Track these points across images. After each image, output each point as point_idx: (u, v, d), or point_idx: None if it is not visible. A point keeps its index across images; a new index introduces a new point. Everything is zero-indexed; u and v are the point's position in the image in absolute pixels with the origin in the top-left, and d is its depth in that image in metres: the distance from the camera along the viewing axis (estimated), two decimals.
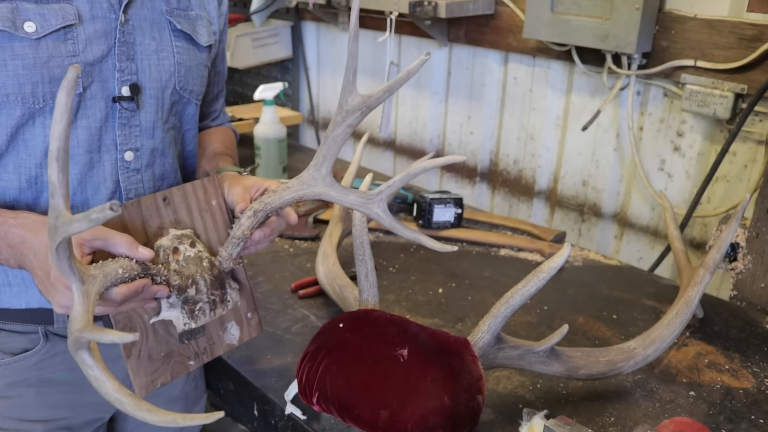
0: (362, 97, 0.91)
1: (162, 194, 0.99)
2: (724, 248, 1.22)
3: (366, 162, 2.65)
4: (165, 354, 1.00)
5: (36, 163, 0.97)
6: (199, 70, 1.13)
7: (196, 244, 0.99)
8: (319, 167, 0.96)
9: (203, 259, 0.98)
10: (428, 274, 1.59)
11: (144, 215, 0.97)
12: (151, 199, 0.98)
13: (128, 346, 0.96)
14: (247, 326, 1.12)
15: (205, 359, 1.07)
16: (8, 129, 0.95)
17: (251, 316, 1.13)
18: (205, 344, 1.06)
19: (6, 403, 1.05)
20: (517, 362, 1.07)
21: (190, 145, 1.19)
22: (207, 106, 1.31)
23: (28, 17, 0.92)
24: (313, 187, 0.97)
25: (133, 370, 0.97)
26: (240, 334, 1.11)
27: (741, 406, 1.15)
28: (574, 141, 2.04)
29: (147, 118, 1.05)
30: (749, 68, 1.59)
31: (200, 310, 0.97)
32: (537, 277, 1.00)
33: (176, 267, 0.95)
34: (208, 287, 0.97)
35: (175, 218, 1.00)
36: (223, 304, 1.01)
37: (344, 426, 1.07)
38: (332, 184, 0.97)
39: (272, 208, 0.98)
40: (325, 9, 2.43)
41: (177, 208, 1.00)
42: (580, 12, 1.75)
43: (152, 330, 0.98)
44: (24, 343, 1.05)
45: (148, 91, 1.04)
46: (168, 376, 1.01)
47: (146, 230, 0.97)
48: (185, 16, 1.10)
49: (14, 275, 1.02)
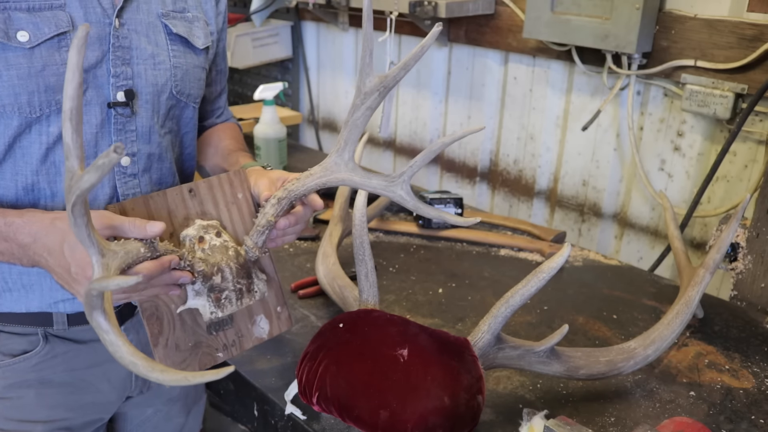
0: (379, 78, 0.90)
1: (188, 186, 1.00)
2: (724, 248, 1.22)
3: (366, 162, 2.65)
4: (193, 345, 1.00)
5: (32, 170, 0.97)
6: (196, 74, 1.12)
7: (222, 234, 0.99)
8: (341, 152, 0.95)
9: (229, 248, 0.98)
10: (428, 274, 1.59)
11: (170, 206, 0.97)
12: (177, 191, 0.98)
13: (155, 334, 0.96)
14: (276, 320, 1.12)
15: (234, 352, 1.06)
16: (6, 139, 0.94)
17: (281, 310, 1.12)
18: (233, 336, 1.06)
19: (6, 405, 1.05)
20: (517, 362, 1.07)
21: (189, 148, 1.18)
22: (210, 104, 1.30)
23: (20, 26, 0.91)
24: (336, 173, 0.96)
25: (161, 360, 0.97)
26: (269, 328, 1.11)
27: (741, 406, 1.15)
28: (574, 141, 2.04)
29: (143, 123, 1.04)
30: (749, 68, 1.59)
31: (227, 299, 0.97)
32: (537, 277, 1.00)
33: (201, 255, 0.95)
34: (233, 275, 0.97)
35: (201, 210, 1.00)
36: (251, 293, 1.00)
37: (344, 426, 1.07)
38: (355, 169, 0.96)
39: (296, 195, 0.99)
40: (325, 9, 2.43)
41: (203, 200, 1.01)
42: (580, 12, 1.75)
43: (179, 320, 0.98)
44: (24, 344, 1.05)
45: (143, 96, 1.03)
46: (196, 367, 1.01)
47: (172, 221, 0.97)
48: (181, 18, 1.09)
49: (14, 281, 1.02)
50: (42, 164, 0.97)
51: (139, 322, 1.14)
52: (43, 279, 1.02)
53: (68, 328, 1.06)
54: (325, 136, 2.88)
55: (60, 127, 0.96)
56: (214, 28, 1.18)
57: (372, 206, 1.73)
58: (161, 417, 1.28)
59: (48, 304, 1.03)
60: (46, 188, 0.98)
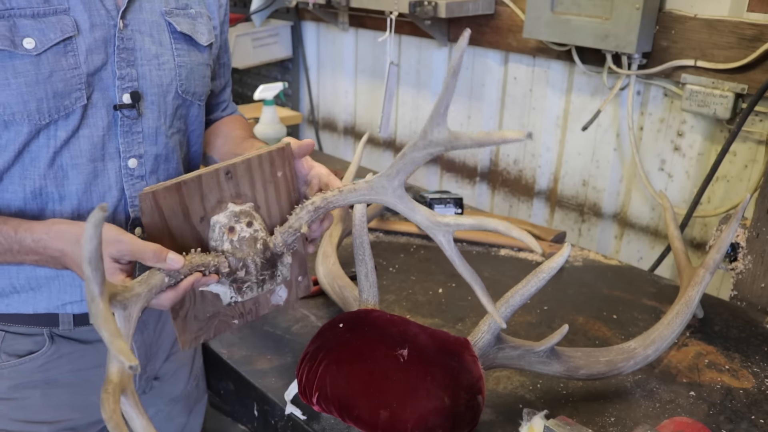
0: (450, 135, 0.85)
1: (225, 168, 0.97)
2: (724, 248, 1.22)
3: (366, 162, 2.65)
4: (210, 315, 1.01)
5: (40, 174, 0.97)
6: (200, 71, 1.12)
7: (253, 222, 0.97)
8: (392, 179, 0.93)
9: (258, 241, 0.96)
10: (428, 274, 1.59)
11: (204, 190, 0.95)
12: (212, 175, 0.96)
13: (176, 308, 0.97)
14: (295, 288, 1.10)
15: (249, 318, 1.06)
16: (17, 146, 0.94)
17: (301, 279, 1.11)
18: (250, 305, 1.05)
19: (12, 405, 1.05)
20: (517, 362, 1.07)
21: (195, 146, 1.18)
22: (215, 98, 1.29)
23: (26, 33, 0.90)
24: (382, 195, 0.95)
25: (179, 329, 0.98)
26: (287, 296, 1.09)
27: (741, 406, 1.15)
28: (574, 141, 2.04)
29: (149, 125, 1.04)
30: (749, 68, 1.59)
31: (248, 288, 0.97)
32: (537, 277, 1.00)
33: (229, 247, 0.94)
34: (257, 269, 0.97)
35: (236, 192, 0.98)
36: (272, 280, 1.00)
37: (344, 426, 1.07)
38: (402, 197, 0.94)
39: (333, 206, 0.98)
40: (325, 9, 2.43)
41: (239, 181, 0.98)
42: (580, 12, 1.75)
43: (200, 295, 0.99)
44: (29, 345, 1.05)
45: (149, 97, 1.03)
46: (211, 333, 1.02)
47: (204, 205, 0.96)
48: (185, 15, 1.09)
49: (21, 284, 1.02)
50: (49, 168, 0.97)
51: (143, 323, 1.14)
52: (52, 281, 1.02)
53: (74, 328, 1.06)
54: (325, 136, 2.88)
55: (67, 131, 0.96)
56: (217, 21, 1.17)
57: (372, 206, 1.73)
58: (163, 417, 1.28)
59: (56, 305, 1.03)
60: (54, 192, 0.98)
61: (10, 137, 0.94)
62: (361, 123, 2.71)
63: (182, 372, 1.28)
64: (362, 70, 2.61)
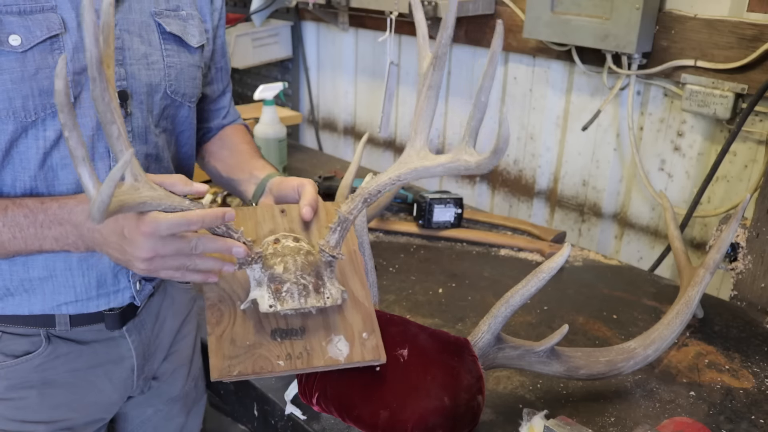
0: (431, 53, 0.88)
1: (280, 207, 1.01)
2: (724, 248, 1.22)
3: (366, 162, 2.65)
4: (250, 344, 0.94)
5: (31, 175, 0.97)
6: (190, 72, 1.11)
7: (300, 240, 0.97)
8: (413, 143, 0.92)
9: (301, 249, 0.95)
10: (428, 274, 1.59)
11: (258, 219, 0.98)
12: (267, 208, 0.99)
13: (213, 324, 0.93)
14: (360, 346, 0.97)
15: (298, 364, 0.94)
16: (3, 144, 0.94)
17: (367, 336, 0.98)
18: (301, 349, 0.95)
19: (8, 405, 1.05)
20: (517, 362, 1.07)
21: (185, 147, 1.18)
22: (214, 103, 1.29)
23: (12, 30, 0.90)
24: (409, 164, 0.92)
25: (212, 350, 0.92)
26: (349, 352, 0.96)
27: (741, 406, 1.15)
28: (574, 141, 2.04)
29: (138, 124, 1.03)
30: (749, 68, 1.59)
31: (287, 292, 0.91)
32: (537, 277, 1.00)
33: (271, 251, 0.94)
34: (297, 267, 0.92)
35: (289, 227, 1.00)
36: (319, 295, 0.92)
37: (344, 426, 1.07)
38: (426, 156, 0.92)
39: (369, 192, 0.95)
40: (325, 9, 2.43)
41: (293, 219, 1.01)
42: (580, 12, 1.75)
43: (242, 316, 0.95)
44: (26, 345, 1.05)
45: (137, 96, 1.03)
46: (249, 368, 0.92)
47: (257, 230, 0.98)
48: (175, 16, 1.08)
49: (15, 287, 1.02)
50: (40, 169, 0.96)
51: (141, 322, 1.14)
52: (45, 283, 1.02)
53: (70, 329, 1.06)
54: (325, 136, 2.88)
55: (56, 131, 0.96)
56: (210, 25, 1.17)
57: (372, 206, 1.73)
58: (161, 417, 1.28)
59: (51, 306, 1.03)
60: (45, 192, 0.98)
61: None
62: (361, 123, 2.71)
63: (181, 372, 1.28)
64: (362, 70, 2.61)
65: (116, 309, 1.07)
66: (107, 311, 1.07)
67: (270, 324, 0.95)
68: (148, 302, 1.15)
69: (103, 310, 1.07)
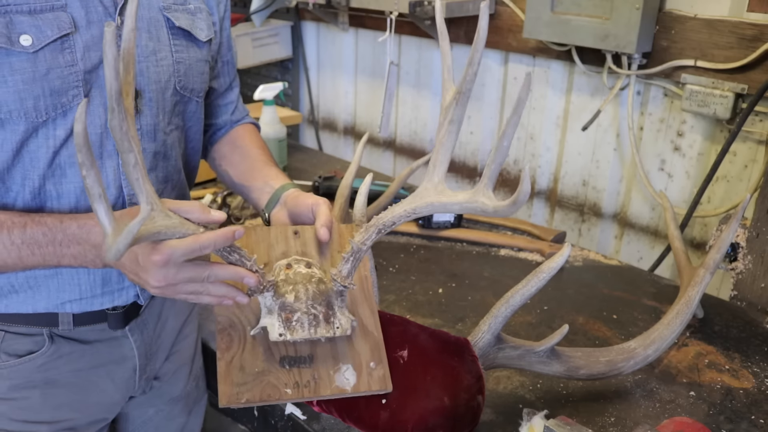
0: (455, 88, 0.87)
1: (294, 228, 1.00)
2: (724, 248, 1.22)
3: (366, 162, 2.65)
4: (259, 371, 0.95)
5: (40, 174, 0.96)
6: (199, 67, 1.11)
7: (312, 266, 0.96)
8: (431, 177, 0.93)
9: (313, 277, 0.94)
10: (428, 274, 1.59)
11: (271, 241, 0.98)
12: (281, 229, 0.99)
13: (222, 349, 0.94)
14: (367, 375, 0.98)
15: (306, 393, 0.95)
16: (14, 144, 0.94)
17: (374, 366, 0.99)
18: (309, 377, 0.96)
19: (11, 405, 1.05)
20: (518, 362, 1.07)
21: (193, 142, 1.17)
22: (221, 98, 1.28)
23: (23, 30, 0.90)
24: (425, 198, 0.93)
25: (221, 375, 0.93)
26: (356, 382, 0.97)
27: (741, 406, 1.15)
28: (574, 141, 2.04)
29: (147, 122, 1.03)
30: (749, 68, 1.59)
31: (298, 321, 0.91)
32: (537, 277, 1.00)
33: (283, 277, 0.93)
34: (308, 297, 0.92)
35: (302, 250, 1.00)
36: (329, 325, 0.93)
37: (344, 426, 1.07)
38: (443, 192, 0.93)
39: (383, 223, 0.95)
40: (325, 9, 2.43)
41: (306, 241, 1.00)
42: (580, 12, 1.75)
43: (251, 342, 0.95)
44: (29, 345, 1.05)
45: (147, 94, 1.02)
46: (257, 396, 0.93)
47: (269, 253, 0.97)
48: (183, 10, 1.08)
49: (20, 283, 1.02)
50: (49, 168, 0.96)
51: (143, 322, 1.14)
52: (50, 280, 1.02)
53: (73, 328, 1.06)
54: (325, 136, 2.88)
55: (66, 130, 0.96)
56: (217, 17, 1.16)
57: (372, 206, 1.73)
58: (163, 417, 1.28)
59: (55, 304, 1.03)
60: (52, 190, 0.98)
61: (6, 136, 0.93)
62: (361, 123, 2.71)
63: (182, 372, 1.28)
64: (362, 70, 2.61)
65: (120, 308, 1.07)
66: (110, 310, 1.07)
67: (279, 351, 0.96)
68: (151, 302, 1.15)
69: (107, 309, 1.07)
